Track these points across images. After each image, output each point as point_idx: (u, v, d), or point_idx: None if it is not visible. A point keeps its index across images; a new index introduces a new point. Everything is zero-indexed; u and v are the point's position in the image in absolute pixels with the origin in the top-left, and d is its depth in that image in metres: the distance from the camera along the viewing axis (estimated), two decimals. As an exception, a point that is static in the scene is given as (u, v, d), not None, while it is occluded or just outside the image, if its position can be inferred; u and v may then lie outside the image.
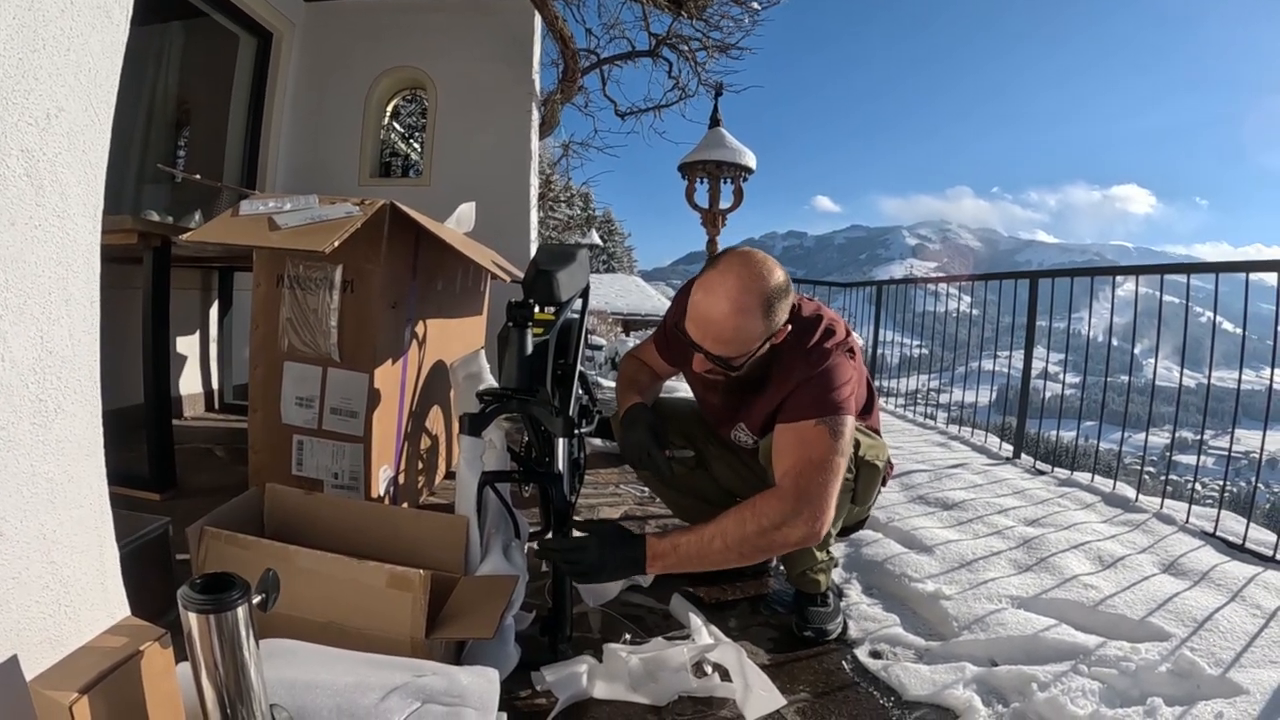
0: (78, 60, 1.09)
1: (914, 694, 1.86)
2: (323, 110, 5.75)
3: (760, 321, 1.84)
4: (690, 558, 1.81)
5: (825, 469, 1.82)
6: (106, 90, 1.17)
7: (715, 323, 1.85)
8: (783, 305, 1.89)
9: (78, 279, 1.14)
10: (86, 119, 1.13)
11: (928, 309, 6.75)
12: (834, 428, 1.86)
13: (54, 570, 1.10)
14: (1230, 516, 3.24)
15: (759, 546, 1.80)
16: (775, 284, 1.86)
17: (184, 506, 2.66)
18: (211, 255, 3.59)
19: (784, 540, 1.80)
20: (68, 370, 1.12)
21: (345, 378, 2.48)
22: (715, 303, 1.84)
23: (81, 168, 1.13)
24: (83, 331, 1.16)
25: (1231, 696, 1.81)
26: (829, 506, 1.81)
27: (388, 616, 1.59)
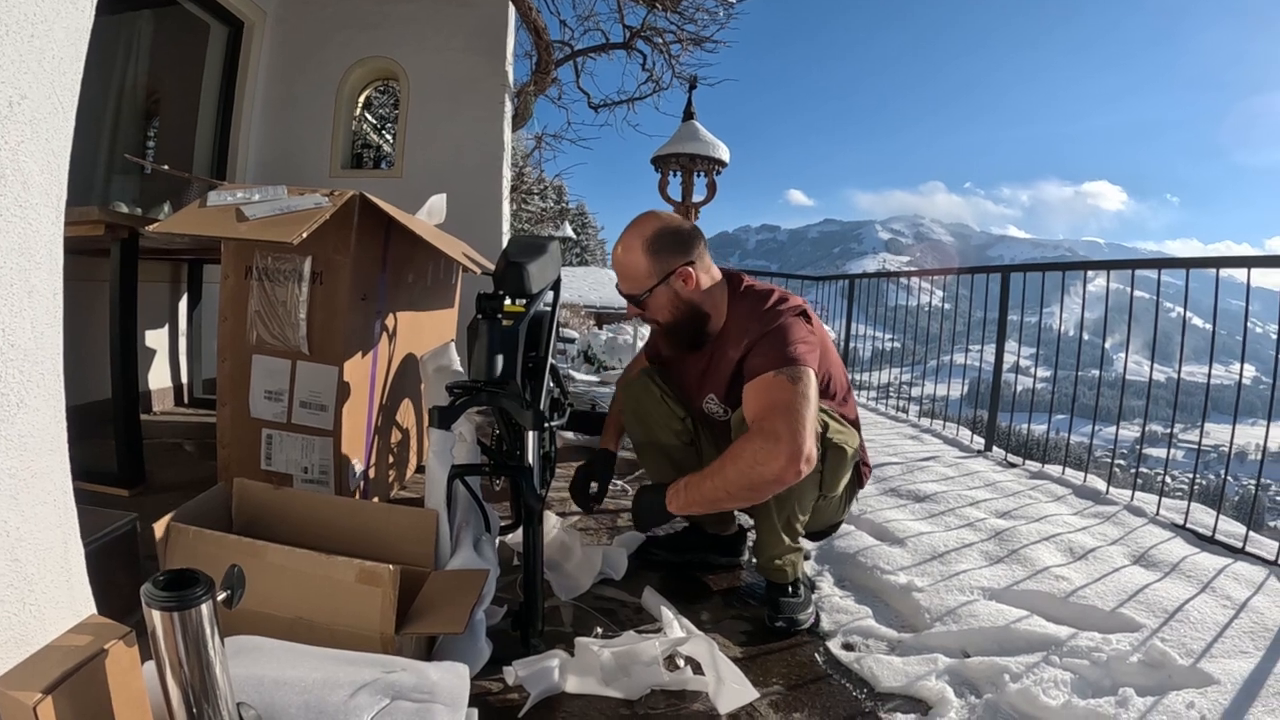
0: (41, 47, 1.06)
1: (886, 685, 1.86)
2: (294, 101, 5.70)
3: (645, 257, 2.12)
4: (694, 497, 2.03)
5: (788, 409, 1.90)
6: (70, 78, 1.14)
7: (616, 262, 2.20)
8: (670, 247, 2.14)
9: (40, 270, 1.11)
10: (50, 107, 1.10)
11: (900, 303, 6.77)
12: (790, 375, 1.94)
13: (17, 568, 1.07)
14: (1200, 509, 3.28)
15: (745, 485, 1.92)
16: (659, 228, 2.16)
17: (153, 502, 2.64)
18: (181, 247, 3.54)
19: (764, 476, 1.89)
20: (30, 364, 1.10)
21: (314, 371, 2.46)
22: (615, 248, 2.21)
23: (44, 157, 1.10)
24: (46, 324, 1.14)
25: (1202, 686, 1.83)
26: (801, 439, 1.87)
27: (357, 612, 1.57)
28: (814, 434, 1.91)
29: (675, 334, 2.23)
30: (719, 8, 6.34)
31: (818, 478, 2.15)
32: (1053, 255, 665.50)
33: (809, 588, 2.31)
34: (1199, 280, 3.39)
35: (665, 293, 2.14)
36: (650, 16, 6.42)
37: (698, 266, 2.17)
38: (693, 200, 6.10)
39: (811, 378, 1.96)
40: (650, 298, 2.15)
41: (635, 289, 2.16)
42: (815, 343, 2.08)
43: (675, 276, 2.13)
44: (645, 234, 2.15)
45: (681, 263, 2.14)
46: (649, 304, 2.17)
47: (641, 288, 2.15)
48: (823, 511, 2.30)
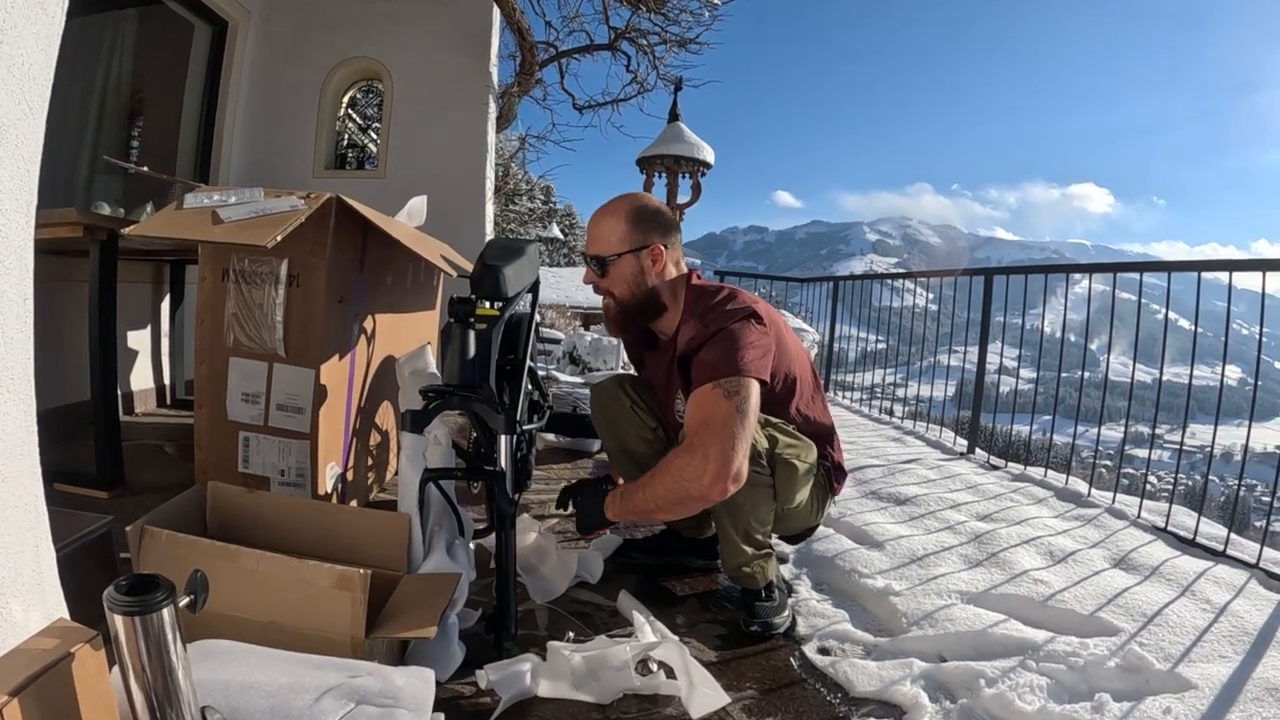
0: (10, 53, 1.06)
1: (861, 690, 1.86)
2: (278, 101, 5.70)
3: (623, 223, 2.15)
4: (628, 506, 2.05)
5: (718, 425, 1.87)
6: (41, 84, 1.14)
7: (593, 222, 2.21)
8: (651, 223, 2.16)
9: (10, 275, 1.11)
10: (19, 113, 1.10)
11: (887, 304, 6.78)
12: (728, 389, 1.91)
13: (-12, 573, 1.07)
14: (1182, 511, 3.28)
15: (674, 498, 1.92)
16: (648, 203, 2.20)
17: (132, 504, 2.63)
18: (162, 248, 3.53)
19: (690, 492, 1.88)
20: (1, 369, 1.10)
21: (291, 373, 2.45)
22: (597, 210, 2.21)
23: (14, 162, 1.10)
24: (16, 329, 1.13)
25: (1180, 691, 1.83)
26: (729, 457, 1.84)
27: (329, 616, 1.57)
28: (746, 450, 1.88)
29: (628, 314, 2.23)
30: (703, 9, 6.36)
31: (771, 491, 2.14)
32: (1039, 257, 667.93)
33: (784, 591, 2.30)
34: (1184, 282, 3.41)
35: (632, 264, 2.15)
36: (635, 18, 6.43)
37: (670, 253, 2.19)
38: (677, 202, 6.11)
39: (752, 389, 1.93)
40: (615, 264, 2.16)
41: (604, 250, 2.16)
42: (765, 346, 2.05)
43: (647, 252, 2.15)
44: (633, 203, 2.18)
45: (658, 241, 2.16)
46: (612, 271, 2.17)
47: (611, 250, 2.15)
48: (792, 518, 2.28)
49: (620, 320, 2.26)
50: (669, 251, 2.18)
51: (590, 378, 7.57)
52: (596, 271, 2.20)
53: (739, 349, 1.97)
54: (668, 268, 2.18)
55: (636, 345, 2.45)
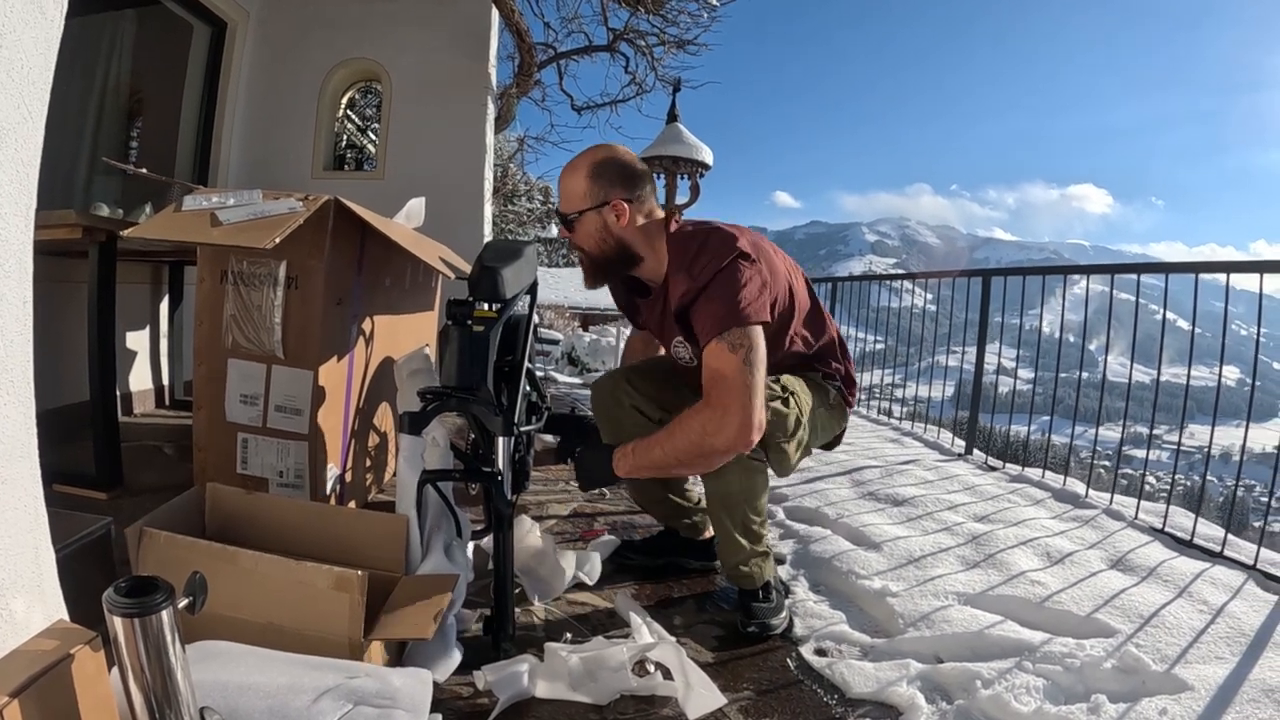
0: (9, 57, 1.07)
1: (857, 691, 1.86)
2: (277, 102, 5.70)
3: (584, 180, 2.13)
4: (643, 462, 2.03)
5: (733, 379, 1.89)
6: (40, 88, 1.15)
7: (559, 180, 2.21)
8: (612, 177, 2.13)
9: (10, 279, 1.12)
10: (18, 117, 1.11)
11: (885, 304, 6.77)
12: (733, 342, 1.92)
13: (-12, 574, 1.08)
14: (1179, 512, 3.28)
15: (697, 453, 1.94)
16: (608, 156, 2.16)
17: (131, 505, 2.64)
18: (161, 249, 3.53)
19: (715, 446, 1.90)
20: (1, 371, 1.10)
21: (290, 375, 2.46)
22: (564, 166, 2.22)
23: (13, 166, 1.11)
24: (15, 332, 1.14)
25: (1176, 693, 1.83)
26: (749, 411, 1.87)
27: (327, 617, 1.58)
28: (763, 398, 1.91)
29: (599, 267, 2.23)
30: (701, 10, 6.36)
31: (765, 476, 2.18)
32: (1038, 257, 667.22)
33: (781, 592, 2.31)
34: (1182, 283, 3.41)
35: (595, 221, 2.14)
36: (633, 19, 6.43)
37: (635, 205, 2.15)
38: (676, 203, 6.11)
39: (756, 336, 1.93)
40: (579, 221, 2.15)
41: (567, 208, 2.17)
42: (758, 282, 2.03)
43: (609, 208, 2.12)
44: (593, 158, 2.16)
45: (620, 196, 2.13)
46: (577, 227, 2.17)
47: (573, 208, 2.15)
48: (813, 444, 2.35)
49: (593, 272, 2.26)
50: (635, 204, 2.15)
51: (589, 379, 7.58)
52: (565, 228, 2.22)
53: (735, 296, 1.97)
54: (634, 220, 2.16)
55: (625, 294, 2.45)
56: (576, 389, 6.87)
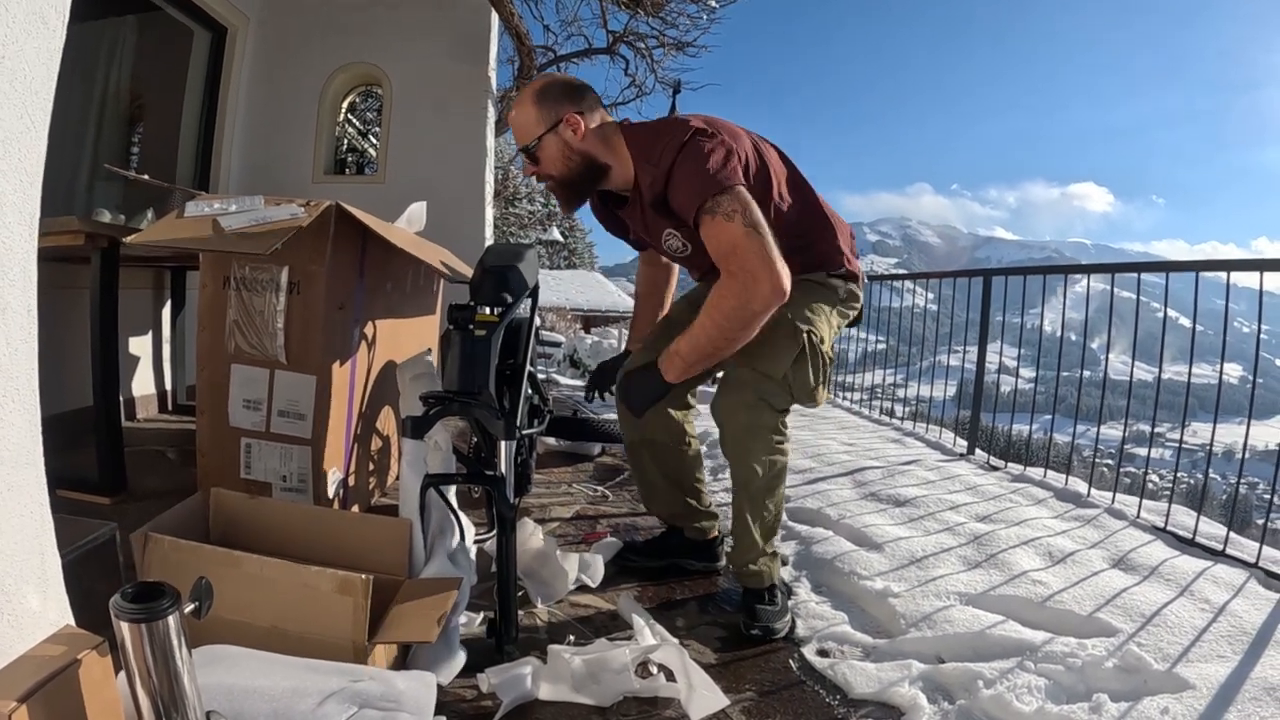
0: (12, 67, 1.08)
1: (860, 692, 1.86)
2: (277, 107, 5.71)
3: (532, 108, 2.15)
4: (691, 358, 2.06)
5: (743, 246, 1.91)
6: (43, 97, 1.16)
7: (510, 121, 2.24)
8: (557, 96, 2.16)
9: (14, 288, 1.13)
10: (21, 126, 1.12)
11: (887, 304, 6.77)
12: (726, 211, 1.94)
13: (-6, 579, 1.09)
14: (1181, 510, 3.28)
15: (740, 322, 1.95)
16: (548, 81, 2.21)
17: (134, 510, 2.65)
18: (163, 255, 3.55)
19: (752, 311, 1.93)
20: (6, 380, 1.12)
21: (293, 380, 2.46)
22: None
23: (16, 175, 1.12)
24: (20, 340, 1.15)
25: (1178, 692, 1.83)
26: (772, 265, 1.90)
27: (331, 621, 1.59)
28: (777, 250, 1.92)
29: (571, 188, 2.24)
30: (701, 12, 6.36)
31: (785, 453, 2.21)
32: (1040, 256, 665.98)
33: (785, 594, 2.32)
34: (1184, 280, 3.41)
35: (554, 142, 2.16)
36: (632, 22, 6.44)
37: (587, 116, 2.17)
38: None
39: (741, 195, 1.95)
40: (540, 148, 2.16)
41: (525, 139, 2.18)
42: (721, 150, 2.03)
43: (564, 125, 2.14)
44: (535, 87, 2.19)
45: (570, 110, 2.15)
46: (541, 156, 2.18)
47: (531, 136, 2.16)
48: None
49: (568, 196, 2.28)
50: (586, 115, 2.17)
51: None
52: (530, 162, 2.23)
53: (703, 169, 1.99)
54: (589, 130, 2.17)
55: (608, 215, 2.47)
56: (579, 391, 6.87)
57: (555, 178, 2.22)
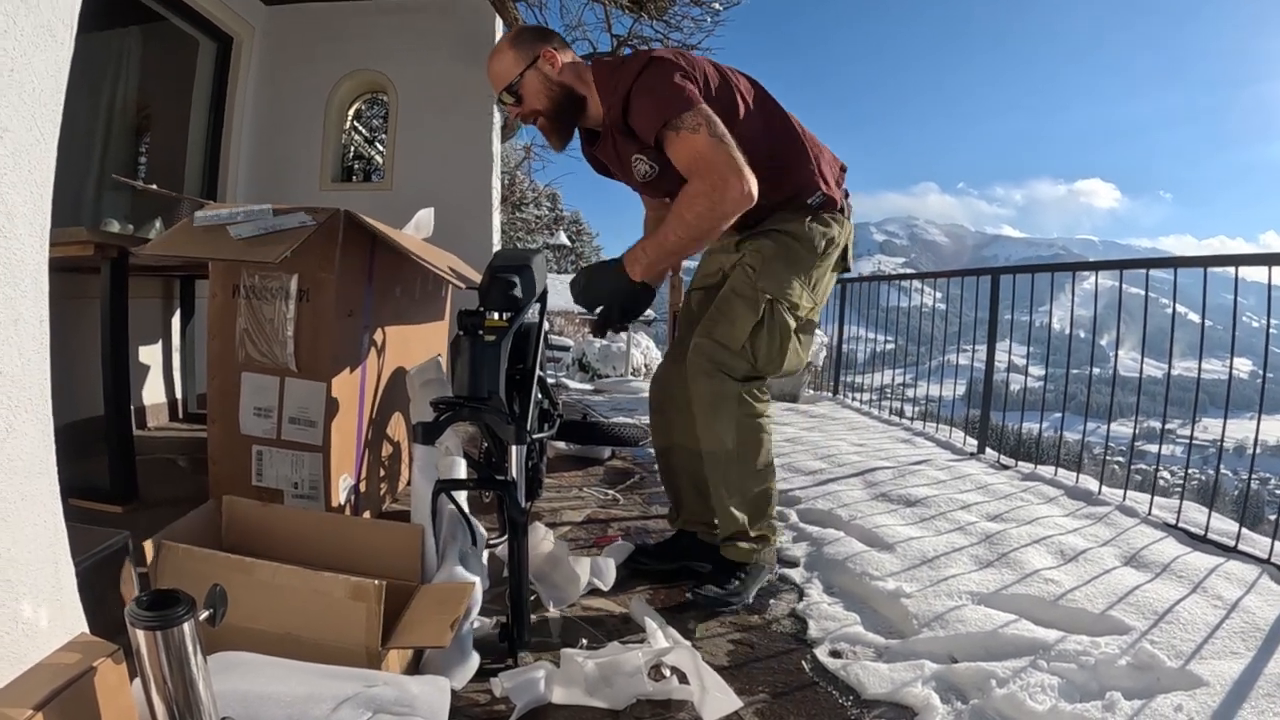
0: (21, 80, 1.09)
1: (872, 692, 1.86)
2: (283, 115, 5.74)
3: (509, 51, 2.24)
4: (655, 253, 2.15)
5: (708, 152, 2.01)
6: (52, 109, 1.17)
7: (489, 73, 2.30)
8: (530, 38, 2.27)
9: (25, 299, 1.14)
10: (31, 138, 1.12)
11: (895, 304, 6.76)
12: (690, 125, 2.02)
13: (9, 589, 1.10)
14: (1193, 507, 3.28)
15: (706, 225, 2.05)
16: (518, 30, 2.31)
17: (147, 518, 2.65)
18: (172, 264, 3.56)
19: (722, 212, 2.02)
20: (18, 390, 1.12)
21: (303, 387, 2.47)
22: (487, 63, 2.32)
23: (27, 187, 1.13)
24: (33, 351, 1.16)
25: (1191, 689, 1.82)
26: (738, 166, 1.99)
27: (344, 627, 1.59)
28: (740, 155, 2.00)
29: (559, 119, 2.31)
30: (704, 15, 6.36)
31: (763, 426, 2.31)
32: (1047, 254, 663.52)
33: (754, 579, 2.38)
34: (1192, 276, 3.40)
35: (535, 77, 2.23)
36: (637, 25, 6.43)
37: (561, 53, 2.27)
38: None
39: (703, 110, 2.03)
40: (522, 85, 2.24)
41: (507, 79, 2.24)
42: (678, 71, 2.12)
43: (541, 59, 2.23)
44: (507, 37, 2.29)
45: (544, 47, 2.24)
46: (523, 92, 2.25)
47: (512, 76, 2.23)
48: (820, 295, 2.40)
49: (555, 129, 2.34)
50: (559, 52, 2.26)
51: (600, 384, 7.58)
52: (514, 103, 2.29)
53: (662, 87, 2.08)
54: (564, 62, 2.26)
55: (593, 156, 2.52)
56: (588, 395, 6.88)
57: (541, 111, 2.28)
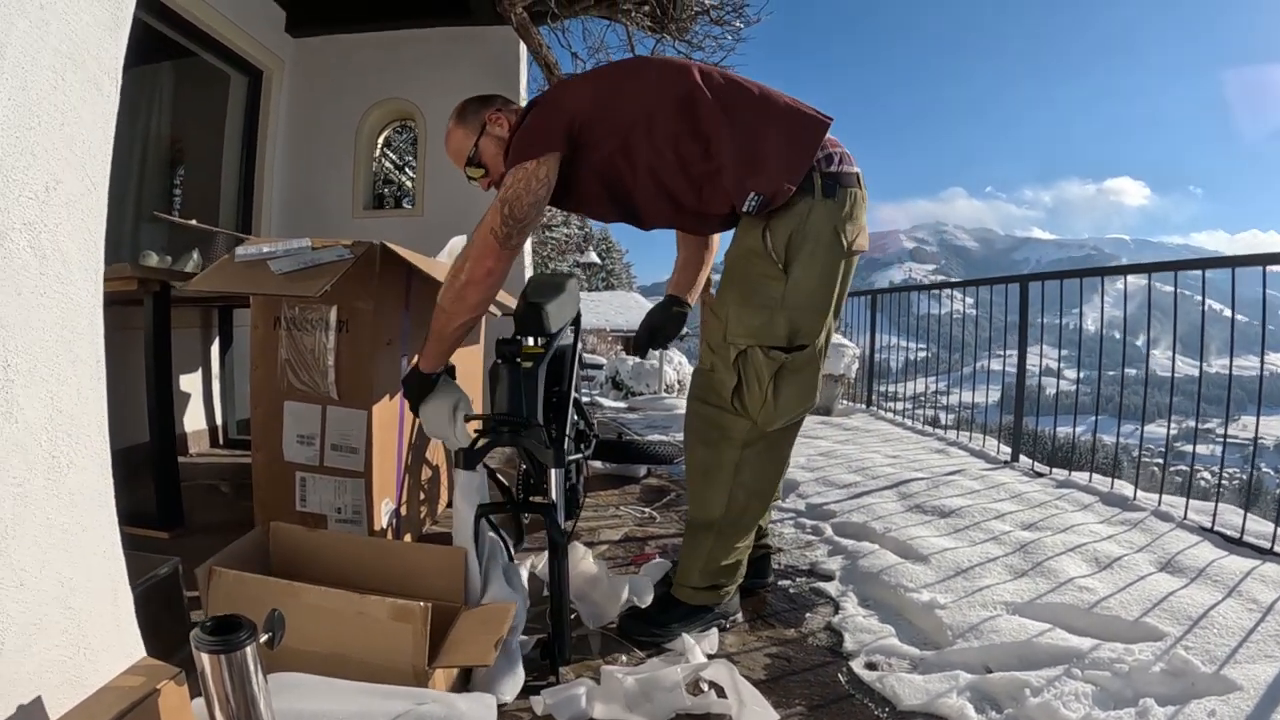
0: (71, 133, 1.15)
1: (908, 704, 1.87)
2: (314, 145, 5.81)
3: (458, 129, 2.27)
4: (431, 340, 2.12)
5: (491, 214, 2.01)
6: (101, 160, 1.23)
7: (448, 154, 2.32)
8: (473, 108, 2.27)
9: (82, 340, 1.20)
10: (83, 188, 1.18)
11: (927, 311, 6.74)
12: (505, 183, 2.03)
13: (72, 615, 1.15)
14: (1229, 509, 3.26)
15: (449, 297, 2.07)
16: (460, 104, 2.31)
17: (192, 544, 2.70)
18: (211, 295, 3.64)
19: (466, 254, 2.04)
20: (77, 427, 1.18)
21: (344, 415, 2.53)
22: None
23: (81, 235, 1.18)
24: (90, 389, 1.22)
25: (1225, 694, 1.82)
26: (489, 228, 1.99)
27: (390, 647, 1.63)
28: (506, 218, 1.98)
29: None
30: (726, 34, 6.37)
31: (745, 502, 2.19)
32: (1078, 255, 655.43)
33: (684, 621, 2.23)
34: (1225, 271, 3.37)
35: (488, 143, 2.22)
36: (659, 46, 6.45)
37: (504, 111, 2.25)
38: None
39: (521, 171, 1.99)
40: (480, 154, 2.23)
41: (465, 154, 2.25)
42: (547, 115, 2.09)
43: (489, 125, 2.23)
44: (452, 116, 2.29)
45: (487, 111, 2.25)
46: (484, 161, 2.24)
47: (467, 150, 2.24)
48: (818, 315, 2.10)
49: None
50: (503, 111, 2.25)
51: (634, 402, 7.60)
52: (482, 175, 2.27)
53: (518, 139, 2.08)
54: (511, 121, 2.24)
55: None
56: (623, 413, 6.91)
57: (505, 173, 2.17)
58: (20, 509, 1.07)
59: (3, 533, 1.04)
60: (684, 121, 2.04)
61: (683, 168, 2.07)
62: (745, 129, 2.02)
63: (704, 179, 2.07)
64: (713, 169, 2.04)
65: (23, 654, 1.06)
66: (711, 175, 2.05)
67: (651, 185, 2.10)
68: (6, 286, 1.04)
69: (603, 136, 2.06)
